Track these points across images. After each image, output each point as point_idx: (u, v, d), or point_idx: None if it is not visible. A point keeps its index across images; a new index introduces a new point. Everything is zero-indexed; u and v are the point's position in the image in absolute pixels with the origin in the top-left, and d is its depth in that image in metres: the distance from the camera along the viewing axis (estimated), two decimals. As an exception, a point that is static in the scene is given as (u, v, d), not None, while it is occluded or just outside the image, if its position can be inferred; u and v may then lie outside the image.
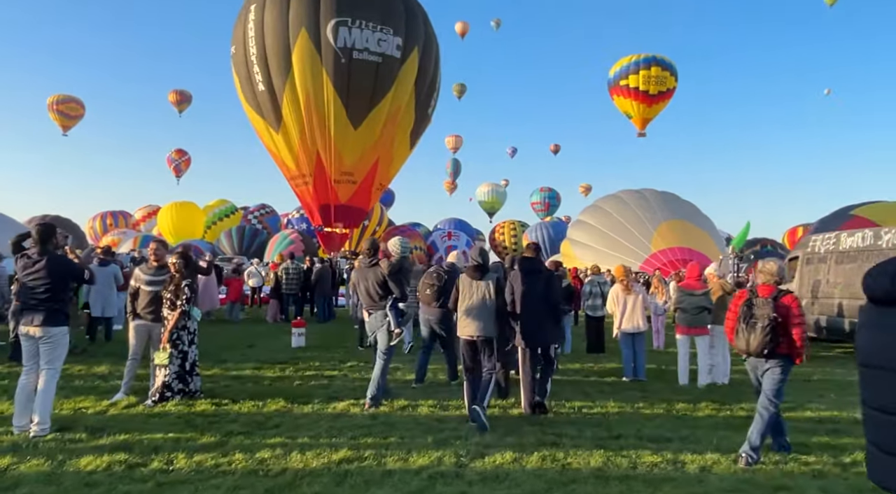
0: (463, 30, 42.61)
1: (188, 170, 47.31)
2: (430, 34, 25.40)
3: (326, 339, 12.43)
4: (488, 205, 51.25)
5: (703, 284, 8.62)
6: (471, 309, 6.38)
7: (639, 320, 8.86)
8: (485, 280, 6.42)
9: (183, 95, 49.18)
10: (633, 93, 36.36)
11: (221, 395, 7.24)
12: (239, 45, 25.21)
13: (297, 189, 26.87)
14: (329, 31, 23.56)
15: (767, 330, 5.00)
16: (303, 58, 23.76)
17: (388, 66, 24.24)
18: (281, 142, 25.72)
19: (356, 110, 24.41)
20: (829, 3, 38.76)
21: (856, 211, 25.62)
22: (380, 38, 23.99)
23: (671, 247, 27.15)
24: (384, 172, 26.37)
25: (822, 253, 12.51)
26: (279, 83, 24.31)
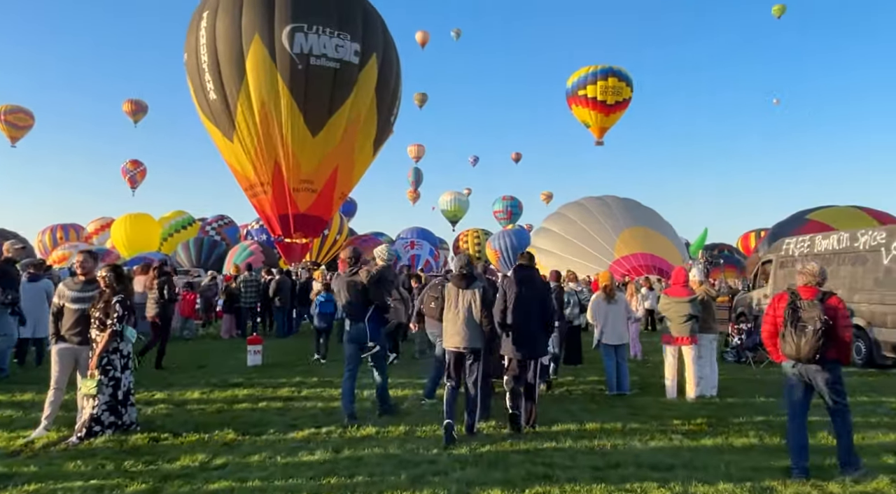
0: (423, 39, 41.89)
1: (144, 182, 45.42)
2: (388, 41, 24.58)
3: (286, 356, 11.41)
4: (451, 214, 50.50)
5: (689, 290, 7.91)
6: (457, 319, 6.07)
7: (622, 331, 8.12)
8: (471, 289, 6.11)
9: (138, 105, 47.31)
10: (590, 102, 36.58)
11: (161, 427, 6.21)
12: (191, 52, 24.04)
13: (254, 199, 25.65)
14: (285, 37, 22.56)
15: (820, 333, 4.63)
16: (257, 65, 22.70)
17: (346, 73, 23.33)
18: (236, 151, 24.55)
19: (314, 117, 23.40)
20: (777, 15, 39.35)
21: (811, 215, 25.62)
22: (337, 44, 23.06)
23: (634, 253, 26.81)
24: (345, 180, 25.32)
25: (796, 256, 12.03)
26: (232, 91, 23.19)
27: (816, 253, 11.50)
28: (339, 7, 23.32)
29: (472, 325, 6.02)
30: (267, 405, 7.37)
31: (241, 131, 23.85)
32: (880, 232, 10.31)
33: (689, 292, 7.86)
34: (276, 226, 25.87)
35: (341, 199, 26.66)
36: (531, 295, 6.37)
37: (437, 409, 6.95)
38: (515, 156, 56.67)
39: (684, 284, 7.95)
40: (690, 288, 7.96)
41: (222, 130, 24.24)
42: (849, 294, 10.63)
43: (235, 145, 24.41)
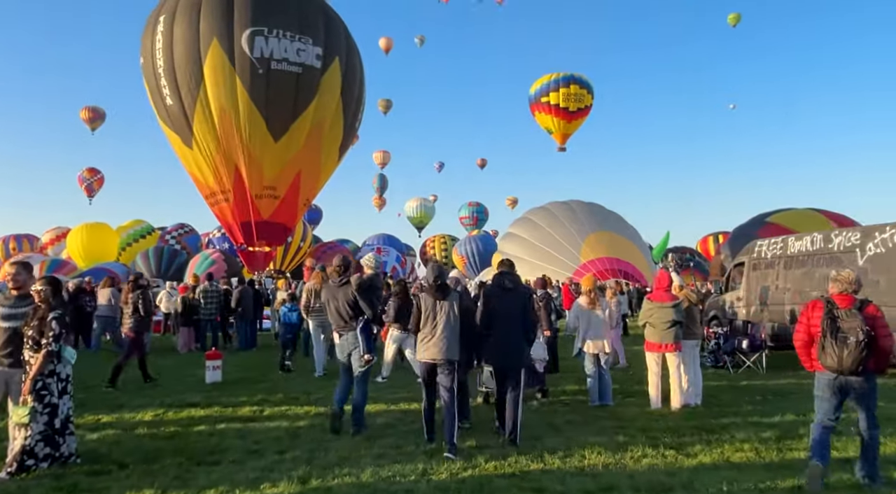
0: (387, 46, 41.31)
1: (101, 190, 43.73)
2: (351, 45, 23.98)
3: (248, 371, 10.67)
4: (417, 220, 49.90)
5: (672, 295, 7.50)
6: (434, 330, 5.81)
7: (604, 339, 7.66)
8: (448, 299, 5.88)
9: (96, 112, 45.61)
10: (553, 109, 36.67)
11: (106, 457, 5.52)
12: (147, 56, 23.10)
13: (215, 207, 24.70)
14: (244, 41, 21.78)
15: (863, 345, 4.41)
16: (215, 69, 21.86)
17: (308, 77, 22.65)
18: (194, 158, 23.63)
19: (277, 122, 22.64)
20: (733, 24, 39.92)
21: (771, 218, 25.78)
22: (298, 48, 22.39)
23: (599, 257, 26.63)
24: (309, 186, 24.55)
25: (769, 259, 11.78)
26: (189, 96, 22.30)
27: (790, 255, 11.27)
28: (300, 11, 22.69)
29: (450, 337, 5.77)
30: (226, 427, 6.70)
31: (200, 137, 23.00)
32: (854, 232, 10.10)
33: (673, 297, 7.45)
34: (238, 234, 24.98)
35: (306, 206, 25.88)
36: (513, 304, 6.10)
37: (413, 428, 6.40)
38: (481, 162, 56.43)
39: (667, 289, 7.53)
40: (673, 294, 7.54)
41: (181, 136, 23.36)
42: (824, 296, 10.41)
43: (194, 151, 23.53)
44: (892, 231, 9.41)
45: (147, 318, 9.88)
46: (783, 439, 6.10)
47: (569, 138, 38.85)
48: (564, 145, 38.74)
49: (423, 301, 5.95)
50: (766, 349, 10.28)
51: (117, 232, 37.64)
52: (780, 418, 6.95)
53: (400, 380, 9.29)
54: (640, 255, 27.39)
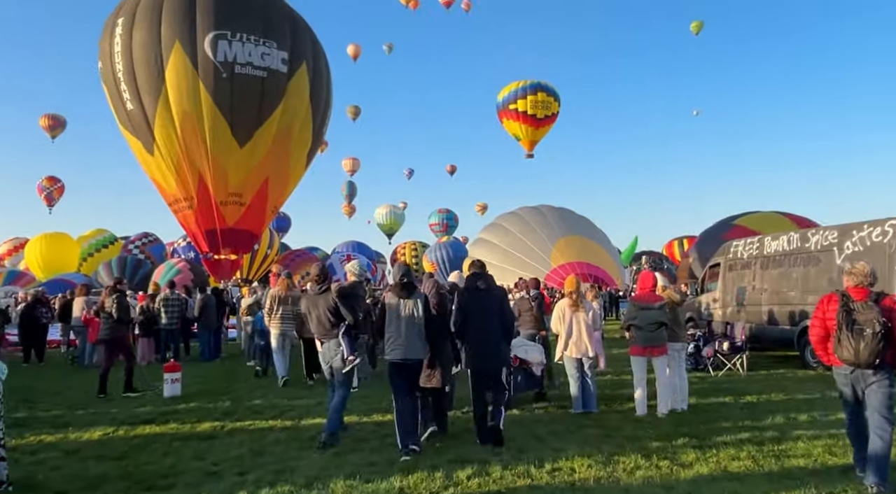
0: (355, 52, 40.70)
1: (61, 199, 42.17)
2: (318, 50, 23.39)
3: (211, 383, 9.99)
4: (387, 227, 49.21)
5: (658, 296, 7.10)
6: (399, 330, 5.70)
7: (588, 343, 7.22)
8: (412, 298, 5.78)
9: (56, 120, 44.07)
10: (521, 116, 36.79)
11: (42, 486, 4.88)
12: (106, 60, 22.20)
13: (179, 214, 23.82)
14: (207, 44, 21.05)
15: (880, 336, 4.26)
16: (178, 73, 21.08)
17: (273, 81, 22.00)
18: (157, 165, 22.75)
19: (242, 128, 21.89)
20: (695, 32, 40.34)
21: (737, 220, 25.82)
22: (263, 52, 21.73)
23: (570, 261, 26.39)
24: (277, 193, 23.83)
25: (745, 259, 11.53)
26: (150, 101, 21.47)
27: (766, 256, 11.03)
28: (264, 15, 22.06)
29: (414, 336, 5.69)
30: (182, 446, 6.07)
31: (162, 143, 22.16)
32: (832, 231, 9.88)
33: (659, 298, 7.05)
34: (203, 242, 24.14)
35: (273, 213, 25.13)
36: (490, 305, 5.98)
37: (387, 443, 5.88)
38: (450, 169, 56.06)
39: (652, 289, 7.13)
40: (659, 294, 7.15)
41: (142, 142, 22.50)
42: (802, 295, 10.18)
43: (156, 157, 22.66)
44: (869, 229, 9.21)
45: (122, 324, 9.28)
46: (779, 445, 5.72)
47: (536, 145, 39.06)
48: (532, 152, 38.94)
49: (387, 300, 5.81)
50: (747, 350, 9.97)
51: (78, 242, 36.33)
52: (770, 421, 6.59)
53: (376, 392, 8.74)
54: (609, 260, 27.23)
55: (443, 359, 6.04)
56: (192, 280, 32.17)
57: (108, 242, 36.54)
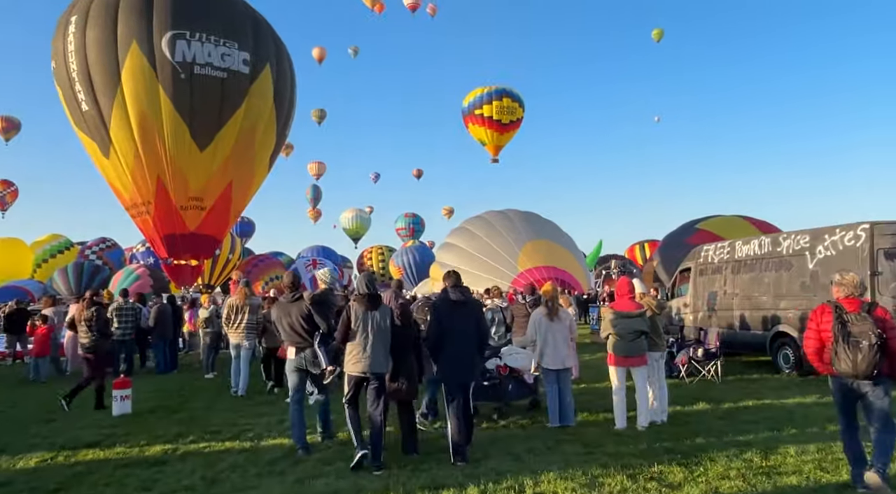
0: (320, 55, 39.89)
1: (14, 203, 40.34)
2: (281, 50, 22.66)
3: (165, 398, 9.30)
4: (353, 232, 48.37)
5: (637, 303, 6.74)
6: (364, 342, 5.43)
7: (565, 354, 6.82)
8: (379, 310, 5.55)
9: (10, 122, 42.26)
10: (486, 121, 36.83)
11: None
12: (59, 60, 21.14)
13: (137, 219, 22.79)
14: (165, 44, 20.19)
15: (876, 348, 4.23)
16: (135, 74, 20.17)
17: (235, 82, 21.20)
18: (113, 167, 21.75)
19: (202, 130, 21.03)
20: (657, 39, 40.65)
21: (700, 225, 25.90)
22: (223, 53, 20.92)
23: (537, 266, 26.12)
24: (240, 196, 23.01)
25: (716, 264, 11.30)
26: (106, 102, 20.49)
27: (737, 260, 10.83)
28: (225, 15, 21.25)
29: (378, 350, 5.46)
30: (128, 473, 5.48)
31: (119, 145, 21.17)
32: (804, 235, 9.70)
33: (638, 305, 6.69)
34: (161, 247, 23.14)
35: (236, 217, 24.28)
36: (465, 317, 5.82)
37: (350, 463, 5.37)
38: (417, 173, 55.45)
39: (630, 297, 6.77)
40: (638, 302, 6.79)
41: (98, 144, 21.47)
42: (774, 300, 9.99)
43: (113, 160, 21.65)
44: (841, 233, 9.04)
45: (104, 337, 8.76)
46: (767, 460, 5.40)
47: (501, 150, 39.24)
48: (497, 157, 39.08)
49: (352, 311, 5.51)
50: (721, 356, 9.72)
51: (32, 247, 34.75)
52: (754, 436, 6.26)
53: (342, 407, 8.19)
54: (576, 263, 27.05)
55: (408, 371, 5.80)
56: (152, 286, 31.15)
57: (63, 248, 35.06)
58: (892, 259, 8.36)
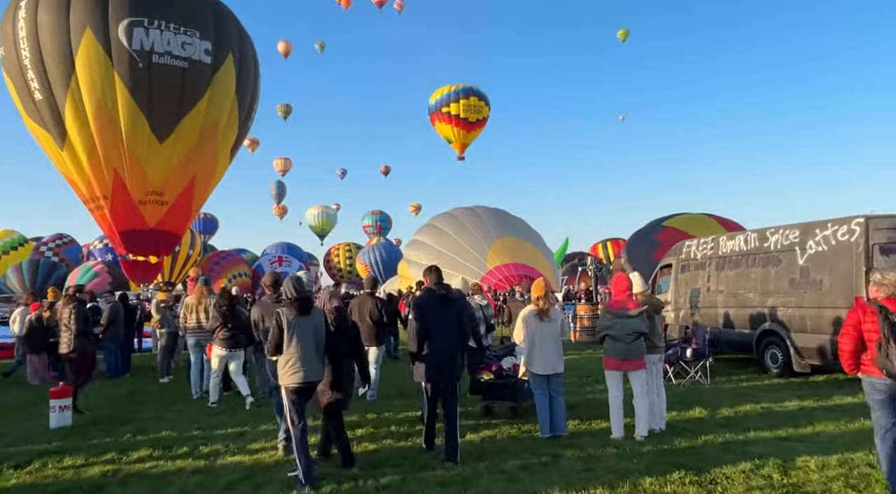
0: (286, 50, 38.50)
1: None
2: (244, 39, 21.50)
3: (114, 407, 8.27)
4: (318, 228, 47.05)
5: (637, 302, 6.05)
6: (298, 350, 4.89)
7: (555, 357, 6.09)
8: (311, 316, 5.04)
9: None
10: (454, 119, 36.76)
11: None
12: (9, 46, 19.64)
13: (95, 213, 21.43)
14: (122, 32, 18.92)
15: None
16: (90, 62, 18.87)
17: (196, 72, 20.01)
18: (68, 160, 20.34)
19: (161, 121, 19.81)
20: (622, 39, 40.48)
21: (667, 222, 25.59)
22: (184, 42, 19.72)
23: (506, 263, 25.55)
24: (202, 191, 21.79)
25: (699, 260, 10.74)
26: (60, 91, 19.16)
27: (721, 256, 10.27)
28: (185, 2, 20.02)
29: (312, 356, 4.98)
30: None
31: (74, 137, 19.79)
32: (793, 230, 9.17)
33: (638, 304, 5.99)
34: (119, 243, 21.79)
35: (196, 212, 23.03)
36: (449, 315, 5.50)
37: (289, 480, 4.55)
38: (384, 169, 54.28)
39: (629, 294, 6.07)
40: (637, 300, 6.09)
41: (52, 135, 20.02)
42: (761, 297, 9.45)
43: (68, 152, 20.23)
44: (833, 228, 8.52)
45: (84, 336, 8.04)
46: (787, 476, 4.75)
47: (467, 147, 39.13)
48: (463, 154, 38.97)
49: (283, 317, 4.94)
50: (710, 357, 9.13)
51: (-17, 244, 32.74)
52: (764, 446, 5.61)
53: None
54: (544, 261, 26.53)
55: (345, 379, 5.27)
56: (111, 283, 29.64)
57: (17, 244, 33.16)
58: (888, 254, 7.86)
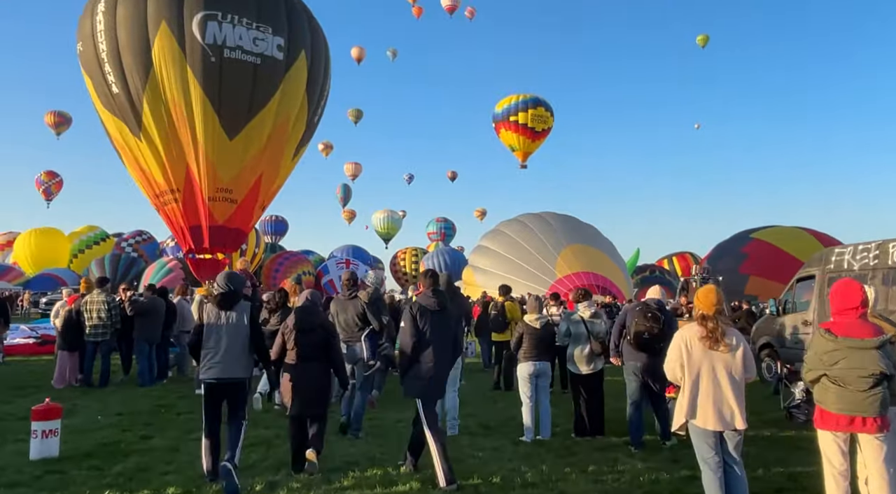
0: (359, 55, 37.24)
1: (59, 194, 38.44)
2: (317, 35, 20.01)
3: (123, 429, 6.36)
4: (384, 232, 45.55)
5: (875, 327, 3.61)
6: (218, 345, 4.53)
7: (733, 404, 3.71)
8: (235, 310, 4.61)
9: (62, 117, 40.49)
10: (521, 128, 35.72)
11: None
12: (87, 40, 18.83)
13: (164, 208, 20.21)
14: (195, 25, 17.73)
15: None
16: (164, 55, 17.79)
17: (269, 69, 18.60)
18: (145, 151, 19.22)
19: (231, 118, 18.48)
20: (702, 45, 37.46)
21: (756, 234, 22.53)
22: (256, 37, 18.32)
23: (576, 272, 23.01)
24: (267, 190, 20.32)
25: (857, 271, 8.03)
26: (137, 85, 18.10)
27: (891, 266, 7.58)
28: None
29: (236, 353, 4.55)
30: None
31: (150, 130, 18.67)
32: None
33: (876, 329, 3.58)
34: (189, 238, 20.51)
35: (262, 209, 21.61)
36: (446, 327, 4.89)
37: None
38: (451, 175, 52.34)
39: (862, 312, 3.65)
40: (875, 323, 3.68)
41: (130, 128, 18.97)
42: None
43: (143, 145, 19.14)
44: None
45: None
46: None
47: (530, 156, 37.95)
48: (526, 163, 37.86)
49: (205, 312, 4.68)
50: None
51: (69, 238, 32.81)
52: None
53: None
54: (618, 270, 23.83)
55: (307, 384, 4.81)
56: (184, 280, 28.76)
57: (99, 239, 33.05)
58: None
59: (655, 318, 5.52)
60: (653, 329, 5.49)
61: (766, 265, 19.64)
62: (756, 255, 20.43)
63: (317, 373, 4.80)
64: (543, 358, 5.87)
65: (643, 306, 5.63)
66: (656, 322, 5.50)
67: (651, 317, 5.52)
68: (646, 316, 5.55)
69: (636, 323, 5.56)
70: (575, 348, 5.84)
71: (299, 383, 4.72)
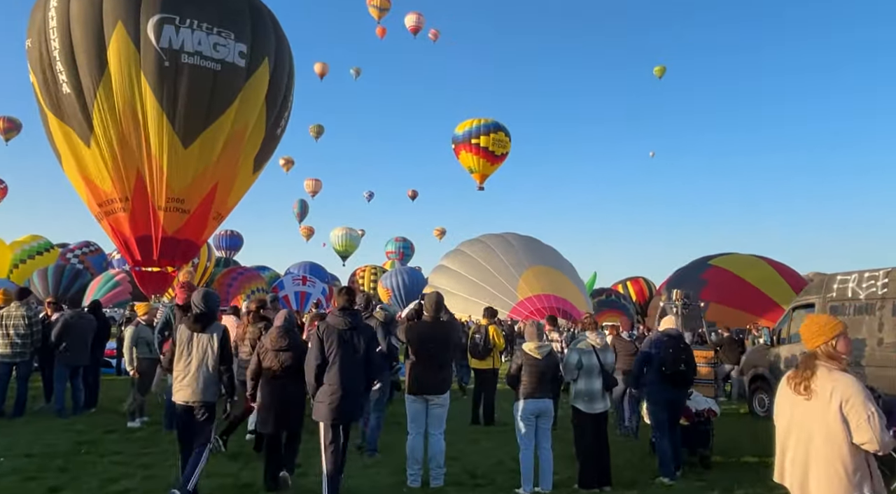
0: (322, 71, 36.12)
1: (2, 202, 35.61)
2: (281, 42, 18.93)
3: (33, 473, 5.02)
4: (342, 250, 44.13)
5: None
6: (188, 367, 4.48)
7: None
8: (207, 332, 4.53)
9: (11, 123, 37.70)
10: (481, 151, 35.64)
11: None
12: (37, 36, 17.22)
13: (108, 218, 18.45)
14: (151, 28, 16.40)
15: None
16: (119, 56, 16.41)
17: (229, 76, 17.36)
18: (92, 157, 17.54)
19: (186, 125, 17.13)
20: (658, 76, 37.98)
21: (714, 261, 22.36)
22: (216, 43, 17.07)
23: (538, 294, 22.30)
24: (222, 200, 18.87)
25: (862, 299, 7.39)
26: (90, 85, 16.53)
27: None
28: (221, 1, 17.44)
29: (205, 375, 4.48)
30: None
31: (100, 134, 17.09)
32: None
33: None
34: (136, 250, 18.78)
35: (216, 221, 20.08)
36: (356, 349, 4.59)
37: None
38: (412, 194, 51.37)
39: None
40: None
41: (77, 131, 17.29)
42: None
43: (91, 150, 17.47)
44: None
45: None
46: None
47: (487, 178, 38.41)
48: (483, 185, 38.24)
49: (178, 333, 4.57)
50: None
51: (10, 247, 30.19)
52: None
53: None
54: (578, 293, 23.26)
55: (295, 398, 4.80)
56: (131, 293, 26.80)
57: (42, 249, 30.55)
58: None
59: (688, 350, 5.23)
60: (688, 361, 5.22)
61: (725, 291, 19.45)
62: (715, 282, 20.24)
63: (292, 392, 4.79)
64: (546, 394, 4.90)
65: (670, 339, 4.98)
66: (689, 354, 5.20)
67: (683, 348, 5.25)
68: (679, 348, 5.16)
69: (671, 355, 5.01)
70: (586, 382, 4.88)
71: (274, 401, 4.72)
